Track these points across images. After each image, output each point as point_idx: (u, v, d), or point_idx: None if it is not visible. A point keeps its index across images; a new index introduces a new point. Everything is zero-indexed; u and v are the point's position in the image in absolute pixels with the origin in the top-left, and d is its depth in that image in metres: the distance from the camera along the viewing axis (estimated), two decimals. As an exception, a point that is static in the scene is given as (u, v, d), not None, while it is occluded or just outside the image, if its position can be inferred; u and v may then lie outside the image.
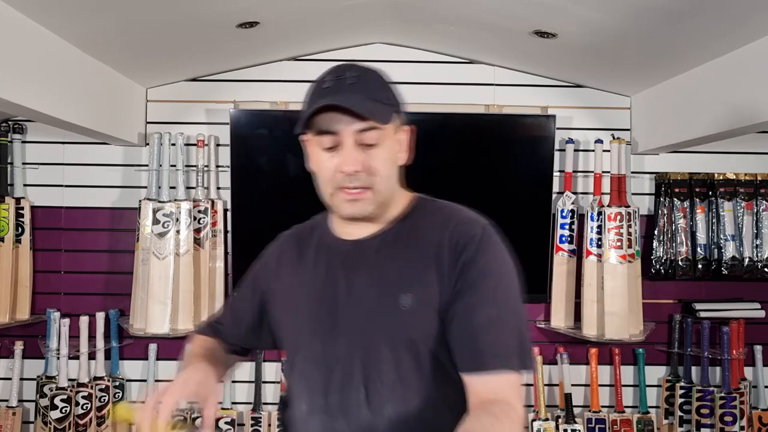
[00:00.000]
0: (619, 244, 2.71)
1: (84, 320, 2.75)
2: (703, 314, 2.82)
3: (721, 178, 2.85)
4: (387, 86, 1.16)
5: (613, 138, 2.81)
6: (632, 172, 2.88)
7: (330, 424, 1.14)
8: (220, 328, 1.39)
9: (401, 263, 1.15)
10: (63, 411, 2.69)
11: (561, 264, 2.81)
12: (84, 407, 2.70)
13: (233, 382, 2.81)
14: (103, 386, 2.75)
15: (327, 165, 1.13)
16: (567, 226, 2.80)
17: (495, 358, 1.08)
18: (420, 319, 1.12)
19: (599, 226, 2.74)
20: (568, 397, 2.77)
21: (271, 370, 2.83)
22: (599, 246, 2.74)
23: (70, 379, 2.73)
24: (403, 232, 1.19)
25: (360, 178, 1.11)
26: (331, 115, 1.09)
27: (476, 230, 1.15)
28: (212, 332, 1.38)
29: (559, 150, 2.82)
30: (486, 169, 2.81)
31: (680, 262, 2.82)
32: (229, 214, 2.79)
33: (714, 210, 2.83)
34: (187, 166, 2.80)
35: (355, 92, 1.10)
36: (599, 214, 2.75)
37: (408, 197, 1.24)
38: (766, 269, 2.80)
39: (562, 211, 2.80)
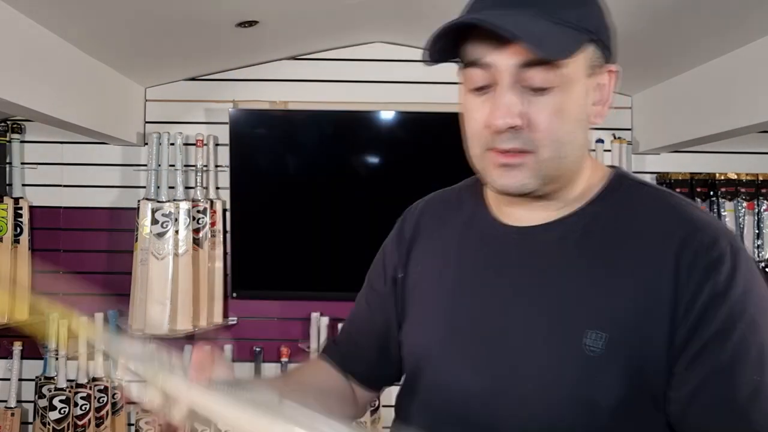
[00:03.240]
0: (620, 244, 2.70)
1: (83, 321, 2.73)
2: (704, 315, 2.81)
3: (722, 178, 2.84)
4: (582, 0, 0.78)
5: (614, 138, 2.81)
6: (633, 172, 2.87)
7: None
8: (339, 352, 1.02)
9: (592, 278, 0.77)
10: (62, 412, 2.68)
11: (562, 264, 2.80)
12: (83, 408, 2.69)
13: None
14: (102, 387, 2.74)
15: (475, 114, 0.80)
16: (568, 226, 2.79)
17: None
18: (613, 374, 0.74)
19: (600, 226, 2.73)
20: (568, 398, 2.75)
21: (271, 371, 2.82)
22: (600, 246, 2.72)
23: (68, 380, 2.72)
24: (597, 226, 0.80)
25: (518, 136, 0.76)
26: (486, 40, 0.75)
27: (720, 254, 0.74)
28: (332, 356, 1.02)
29: (560, 150, 2.81)
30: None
31: (681, 263, 2.81)
32: (228, 214, 2.78)
33: (715, 210, 2.82)
34: (186, 165, 2.78)
35: (526, 6, 0.75)
36: (600, 214, 2.74)
37: (602, 172, 0.86)
38: (767, 269, 2.79)
39: (563, 211, 2.79)
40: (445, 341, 0.84)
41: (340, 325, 1.14)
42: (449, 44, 0.79)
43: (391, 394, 0.99)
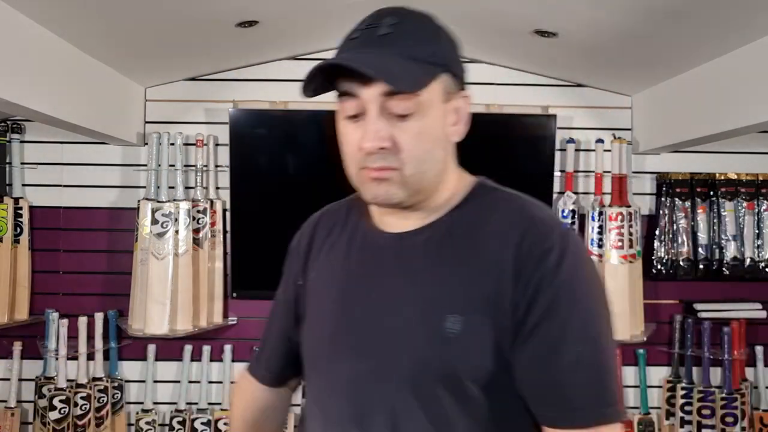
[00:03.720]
0: (620, 244, 2.70)
1: (83, 321, 2.74)
2: (704, 315, 2.81)
3: (722, 178, 2.84)
4: (435, 37, 0.92)
5: (614, 138, 2.80)
6: (633, 172, 2.87)
7: None
8: (263, 359, 1.17)
9: (449, 273, 0.91)
10: (62, 412, 2.68)
11: (562, 264, 2.80)
12: (83, 408, 2.69)
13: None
14: (102, 387, 2.74)
15: (350, 138, 0.91)
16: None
17: (590, 409, 0.85)
18: (471, 351, 0.88)
19: (600, 227, 2.73)
20: (568, 398, 2.75)
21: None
22: (600, 246, 2.73)
23: (68, 380, 2.72)
24: (457, 228, 0.94)
25: (385, 156, 0.89)
26: (355, 76, 0.88)
27: (552, 245, 0.88)
28: (257, 369, 1.17)
29: (560, 150, 2.81)
30: (486, 169, 2.78)
31: (681, 263, 2.81)
32: (228, 214, 2.78)
33: (715, 210, 2.82)
34: (185, 165, 2.78)
35: (384, 46, 0.88)
36: (600, 214, 2.74)
37: (465, 181, 1.00)
38: (767, 269, 2.80)
39: (563, 211, 2.79)
40: (334, 337, 0.98)
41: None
42: (325, 80, 0.92)
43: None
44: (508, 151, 2.81)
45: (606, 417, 0.85)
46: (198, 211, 2.74)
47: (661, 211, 2.84)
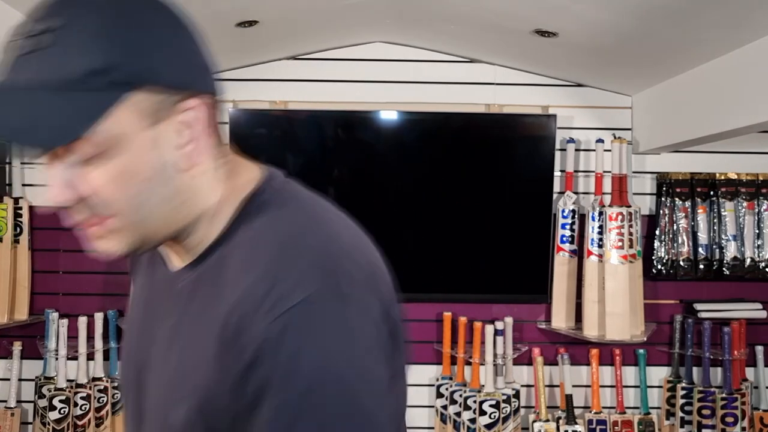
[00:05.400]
0: (620, 244, 2.70)
1: (83, 321, 2.74)
2: (704, 314, 2.81)
3: (722, 178, 2.83)
4: (111, 40, 0.62)
5: (615, 138, 2.80)
6: (633, 172, 2.87)
7: None
8: None
9: (190, 336, 0.70)
10: (62, 412, 2.68)
11: (562, 264, 2.80)
12: (83, 408, 2.69)
13: None
14: (102, 387, 2.74)
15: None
16: (568, 226, 2.79)
17: None
18: None
19: (600, 226, 2.73)
20: (569, 398, 2.76)
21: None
22: (600, 246, 2.73)
23: (68, 380, 2.72)
24: (207, 273, 0.72)
25: (90, 204, 0.66)
26: None
27: (272, 316, 0.61)
28: None
29: (560, 150, 2.81)
30: (486, 169, 2.80)
31: (681, 263, 2.81)
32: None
33: (715, 210, 2.82)
34: (186, 165, 2.78)
35: (21, 72, 0.61)
36: (600, 214, 2.74)
37: (239, 193, 0.75)
38: (767, 269, 2.79)
39: (563, 211, 2.79)
40: (125, 386, 0.83)
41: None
42: None
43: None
44: (508, 151, 2.81)
45: None
46: (198, 211, 2.73)
47: (661, 211, 2.84)
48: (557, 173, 2.79)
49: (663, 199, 2.84)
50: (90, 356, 2.75)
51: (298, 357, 0.60)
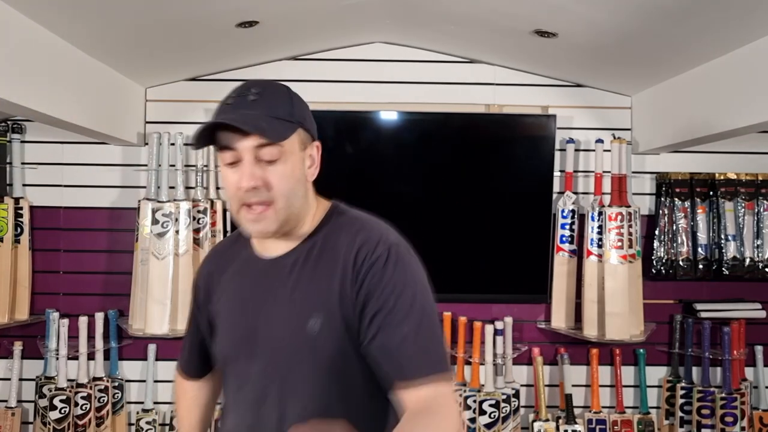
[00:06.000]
0: (619, 244, 2.70)
1: (83, 320, 2.74)
2: (703, 314, 2.81)
3: (722, 178, 2.84)
4: (290, 102, 1.18)
5: (614, 138, 2.81)
6: (633, 172, 2.87)
7: None
8: (184, 361, 1.46)
9: (310, 284, 1.18)
10: (62, 411, 2.68)
11: (561, 264, 2.80)
12: (83, 408, 2.70)
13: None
14: (102, 387, 2.74)
15: (230, 180, 1.16)
16: (567, 226, 2.80)
17: (419, 368, 1.10)
18: (330, 343, 1.15)
19: (600, 226, 2.73)
20: (568, 398, 2.76)
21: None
22: (600, 246, 2.73)
23: (69, 380, 2.73)
24: (314, 249, 1.21)
25: (259, 193, 1.14)
26: (233, 131, 1.13)
27: (380, 252, 1.16)
28: (184, 368, 1.47)
29: (560, 150, 2.81)
30: (486, 169, 2.81)
31: (681, 262, 2.81)
32: (228, 214, 2.78)
33: (715, 210, 2.83)
34: (186, 165, 2.79)
35: (254, 109, 1.13)
36: (600, 214, 2.74)
37: (323, 208, 1.27)
38: (766, 269, 2.80)
39: (563, 211, 2.79)
40: (237, 346, 1.25)
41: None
42: (210, 135, 1.15)
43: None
44: (508, 151, 2.81)
45: (432, 372, 1.10)
46: (198, 211, 2.74)
47: (660, 211, 2.84)
48: (557, 173, 2.80)
49: (662, 199, 2.84)
50: (90, 356, 2.76)
51: (402, 263, 1.16)
